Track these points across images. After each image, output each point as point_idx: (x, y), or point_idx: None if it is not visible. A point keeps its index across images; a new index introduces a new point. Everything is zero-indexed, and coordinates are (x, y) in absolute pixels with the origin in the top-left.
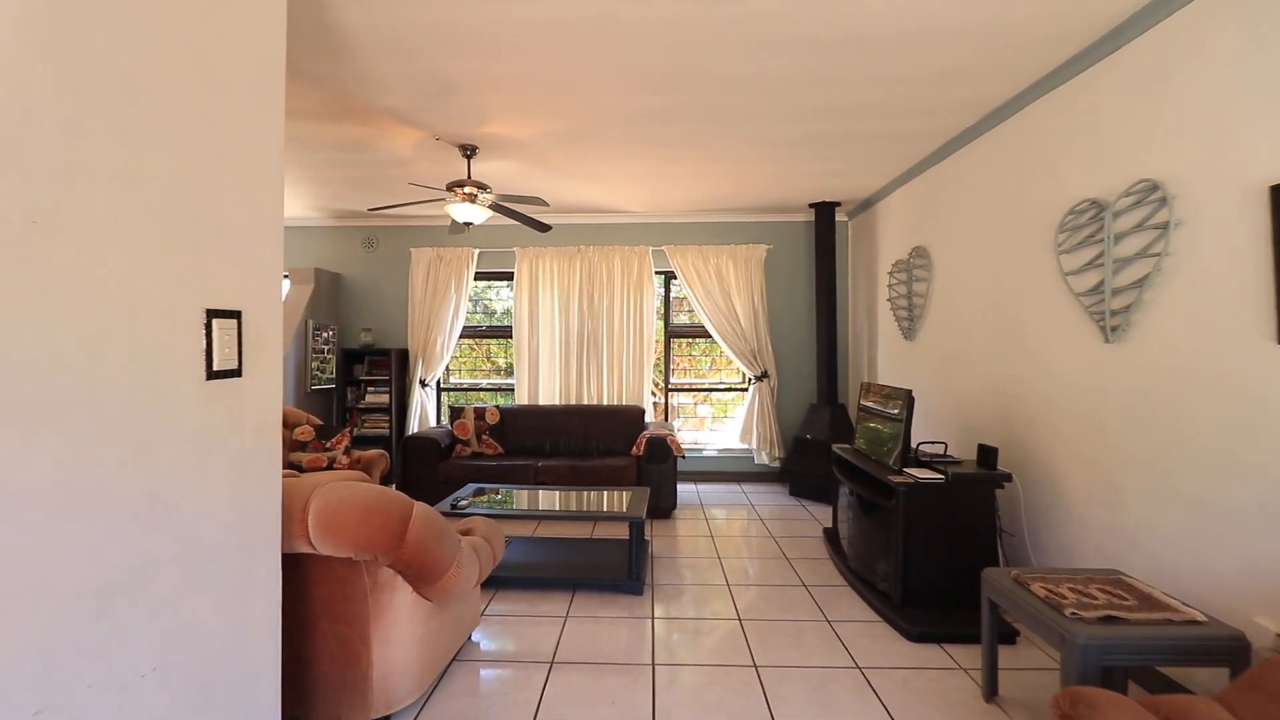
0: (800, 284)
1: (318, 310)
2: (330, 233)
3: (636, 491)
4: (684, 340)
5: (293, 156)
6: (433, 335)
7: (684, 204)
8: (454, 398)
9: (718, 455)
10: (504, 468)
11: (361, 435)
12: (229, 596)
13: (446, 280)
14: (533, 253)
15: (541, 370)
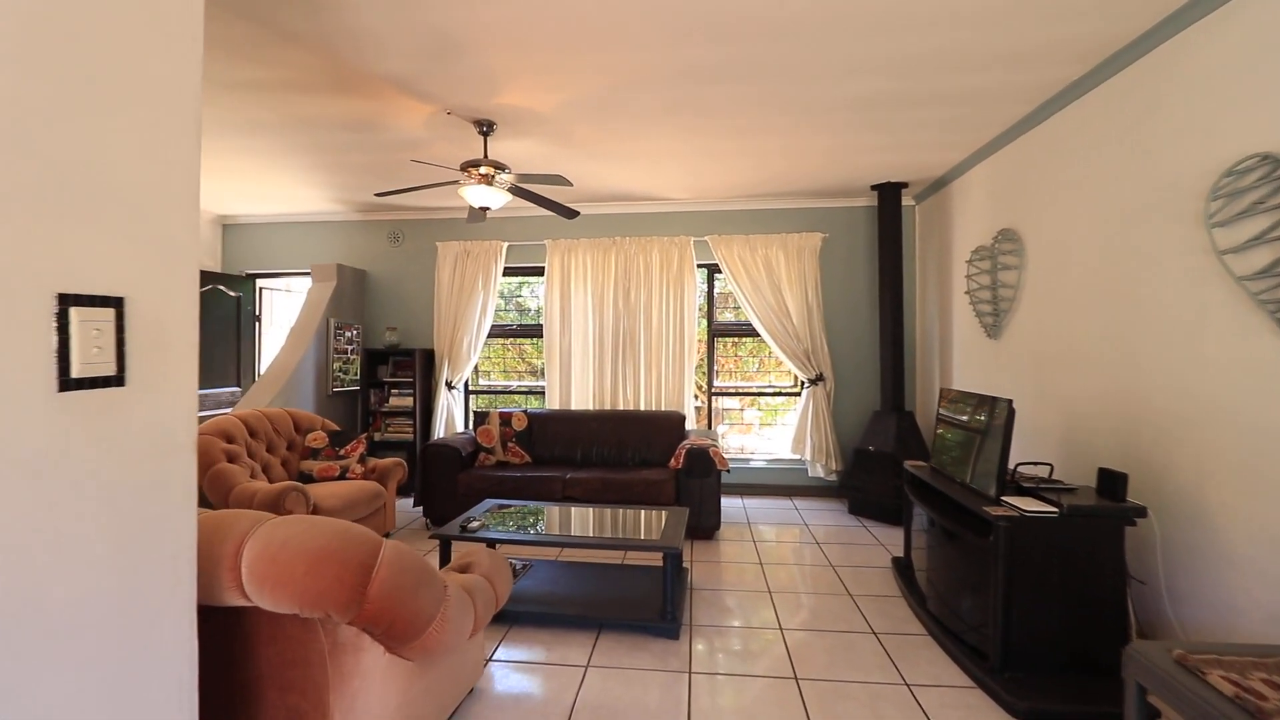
0: (860, 277)
1: (340, 308)
2: (354, 227)
3: (674, 513)
4: (729, 339)
5: (300, 139)
6: (459, 334)
7: (728, 188)
8: (486, 401)
9: (767, 466)
10: (529, 479)
11: (385, 440)
12: (104, 675)
13: (474, 275)
14: (564, 245)
15: (574, 372)
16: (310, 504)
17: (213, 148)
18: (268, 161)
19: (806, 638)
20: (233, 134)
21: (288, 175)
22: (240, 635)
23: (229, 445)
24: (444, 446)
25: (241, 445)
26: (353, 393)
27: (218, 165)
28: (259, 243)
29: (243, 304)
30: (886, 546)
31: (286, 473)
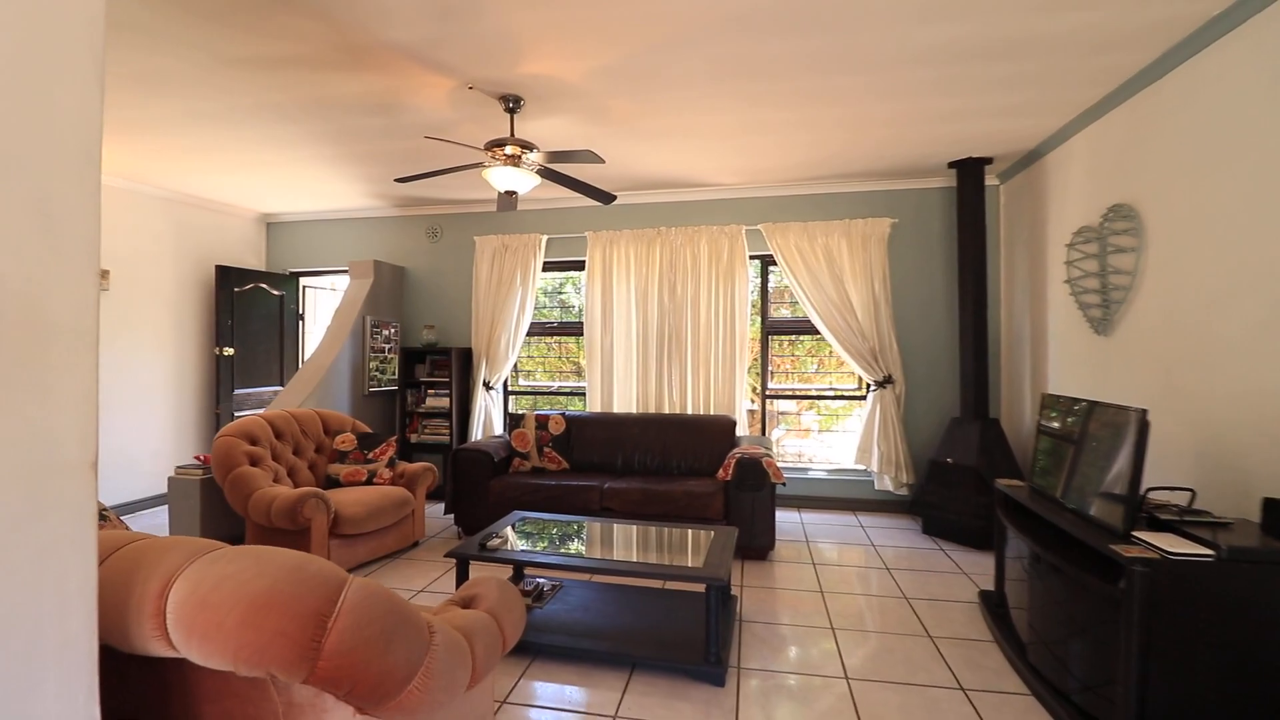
0: (935, 267)
1: (377, 306)
2: (393, 223)
3: (721, 533)
4: (784, 338)
5: (320, 126)
6: (497, 332)
7: (784, 170)
8: (528, 403)
9: (827, 477)
10: (565, 489)
11: (421, 442)
12: None
13: (512, 270)
14: (606, 237)
15: (616, 373)
16: (330, 511)
17: (234, 136)
18: (294, 153)
19: (878, 692)
20: (250, 120)
21: (317, 167)
22: (178, 690)
23: (252, 448)
24: (475, 451)
25: (266, 448)
26: (390, 393)
27: (246, 158)
28: (302, 241)
29: (286, 303)
30: (971, 576)
31: (313, 477)
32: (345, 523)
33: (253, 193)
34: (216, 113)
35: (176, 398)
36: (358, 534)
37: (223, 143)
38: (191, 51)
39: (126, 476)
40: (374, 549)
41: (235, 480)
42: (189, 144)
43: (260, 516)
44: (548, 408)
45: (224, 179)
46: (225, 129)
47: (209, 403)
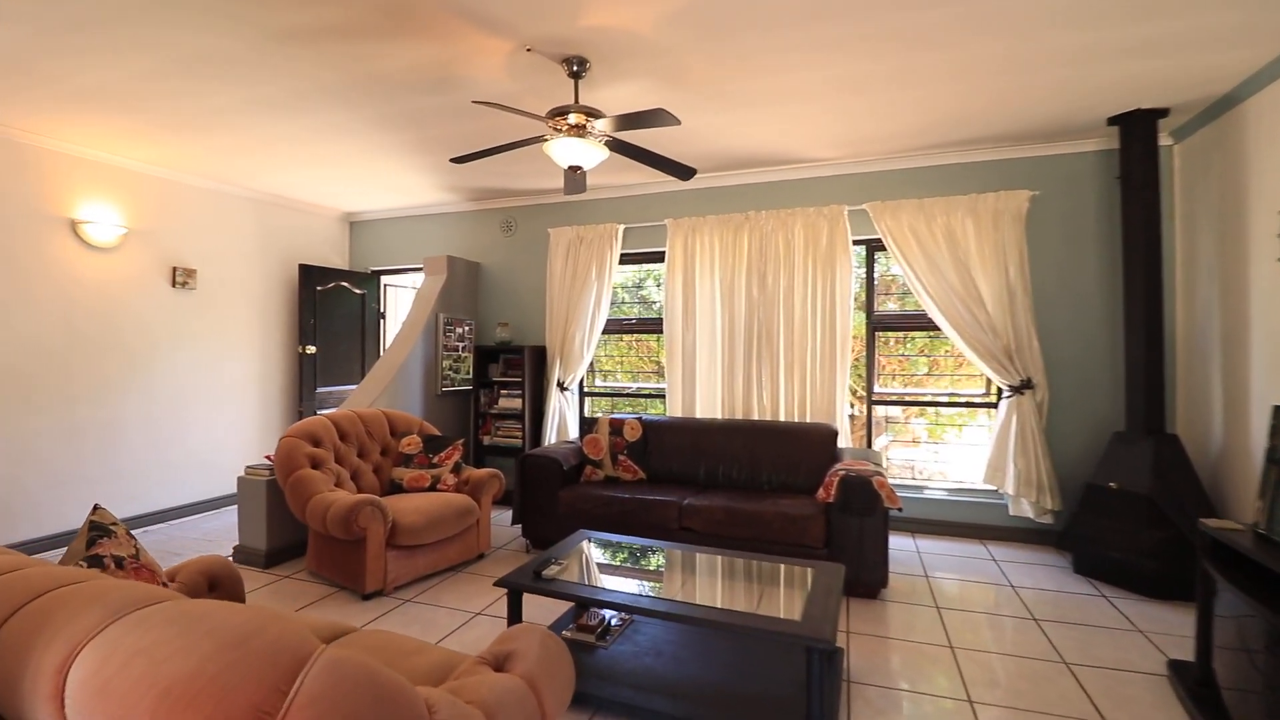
0: (1088, 248)
1: (451, 303)
2: (467, 218)
3: (823, 573)
4: (893, 334)
5: (380, 109)
6: (571, 330)
7: (893, 138)
8: (607, 404)
9: (948, 497)
10: (640, 503)
11: (494, 445)
12: None
13: (587, 263)
14: (688, 224)
15: (699, 373)
16: (388, 520)
17: (300, 126)
18: (358, 141)
19: None
20: (310, 105)
21: (385, 159)
22: None
23: (314, 449)
24: (543, 458)
25: (329, 449)
26: (464, 393)
27: (317, 151)
28: (382, 239)
29: (367, 301)
30: (1150, 636)
31: (377, 481)
32: (403, 533)
33: (334, 191)
34: (275, 98)
35: (261, 395)
36: (417, 545)
37: (291, 133)
38: (236, 25)
39: (214, 472)
40: (434, 561)
41: (295, 483)
42: (260, 136)
43: (317, 523)
44: (627, 410)
45: (304, 176)
46: (289, 118)
47: (293, 400)
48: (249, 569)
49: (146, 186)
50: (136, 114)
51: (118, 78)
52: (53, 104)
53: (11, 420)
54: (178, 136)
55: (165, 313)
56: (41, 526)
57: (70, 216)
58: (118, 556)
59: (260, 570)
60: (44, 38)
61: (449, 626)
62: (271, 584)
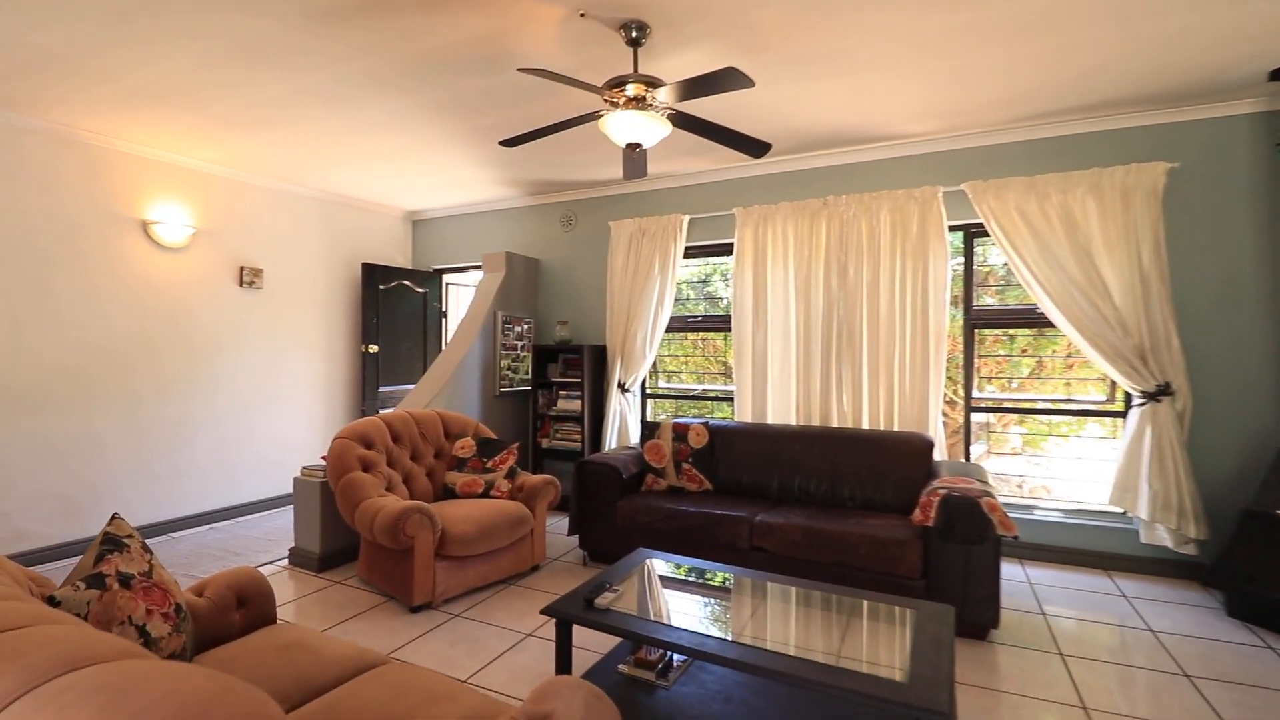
0: (1241, 227)
1: (509, 301)
2: (526, 213)
3: (929, 617)
4: (994, 331)
5: (432, 95)
6: (633, 327)
7: (998, 106)
8: (671, 407)
9: (1064, 519)
10: (706, 518)
11: (552, 449)
12: None
13: (650, 257)
14: (758, 213)
15: (770, 375)
16: (436, 530)
17: (355, 117)
18: (415, 134)
19: None
20: (362, 94)
21: (442, 151)
22: None
23: (366, 451)
24: (601, 465)
25: (381, 451)
26: (523, 394)
27: (375, 145)
28: (444, 237)
29: (429, 300)
30: None
31: (430, 485)
32: (453, 543)
33: (395, 188)
34: (325, 87)
35: (326, 394)
36: (467, 556)
37: (345, 126)
38: (275, 3)
39: (278, 471)
40: (486, 573)
41: (345, 487)
42: (315, 129)
43: (365, 529)
44: (692, 414)
45: (365, 173)
46: (342, 108)
47: (356, 400)
48: (302, 572)
49: (215, 187)
50: (194, 110)
51: (168, 71)
52: (114, 103)
53: (83, 417)
54: (236, 132)
55: (233, 312)
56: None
57: (141, 217)
58: (125, 574)
59: (313, 574)
60: (90, 32)
61: (497, 648)
62: (322, 590)
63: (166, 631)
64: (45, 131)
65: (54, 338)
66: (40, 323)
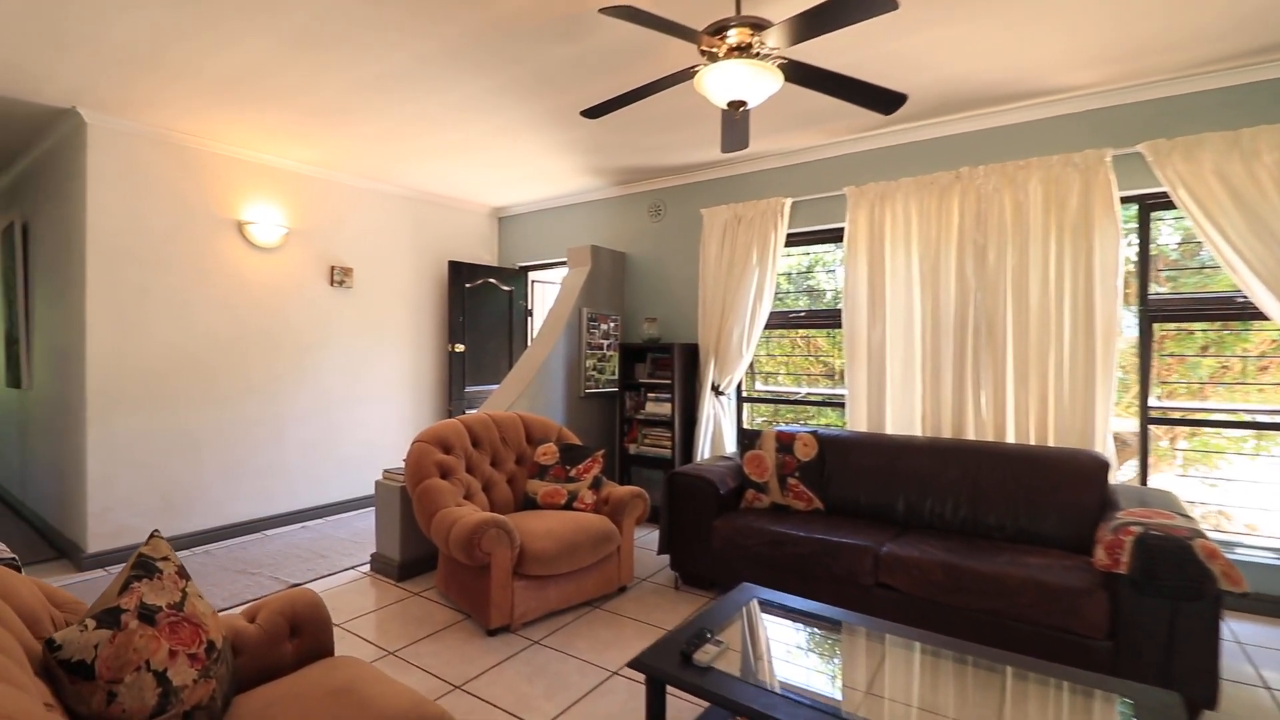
0: None
1: (595, 297)
2: (613, 205)
3: (1148, 709)
4: (1175, 326)
5: (510, 72)
6: (728, 324)
7: (1186, 45)
8: (768, 412)
9: (1276, 561)
10: (819, 546)
11: (640, 455)
12: None
13: (746, 247)
14: (875, 191)
15: (890, 378)
16: (515, 546)
17: (436, 104)
18: (495, 120)
19: None
20: (436, 74)
21: (524, 138)
22: None
23: (445, 456)
24: (695, 479)
25: (460, 457)
26: (609, 395)
27: (459, 135)
28: (529, 233)
29: (514, 298)
30: None
31: (511, 494)
32: (532, 561)
33: (481, 182)
34: (403, 68)
35: (414, 393)
36: (548, 575)
37: (426, 112)
38: None
39: (368, 470)
40: (568, 595)
41: (422, 494)
42: (397, 116)
43: (440, 541)
44: (790, 420)
45: (450, 166)
46: (422, 92)
47: (442, 400)
48: (383, 580)
49: (306, 187)
50: (276, 101)
51: (242, 59)
52: (196, 99)
53: (182, 415)
54: (320, 125)
55: (323, 311)
56: (216, 516)
57: (236, 218)
58: (150, 607)
59: (393, 583)
60: (158, 20)
61: (580, 687)
62: (400, 602)
63: (192, 678)
64: (145, 135)
65: (159, 335)
66: (148, 320)
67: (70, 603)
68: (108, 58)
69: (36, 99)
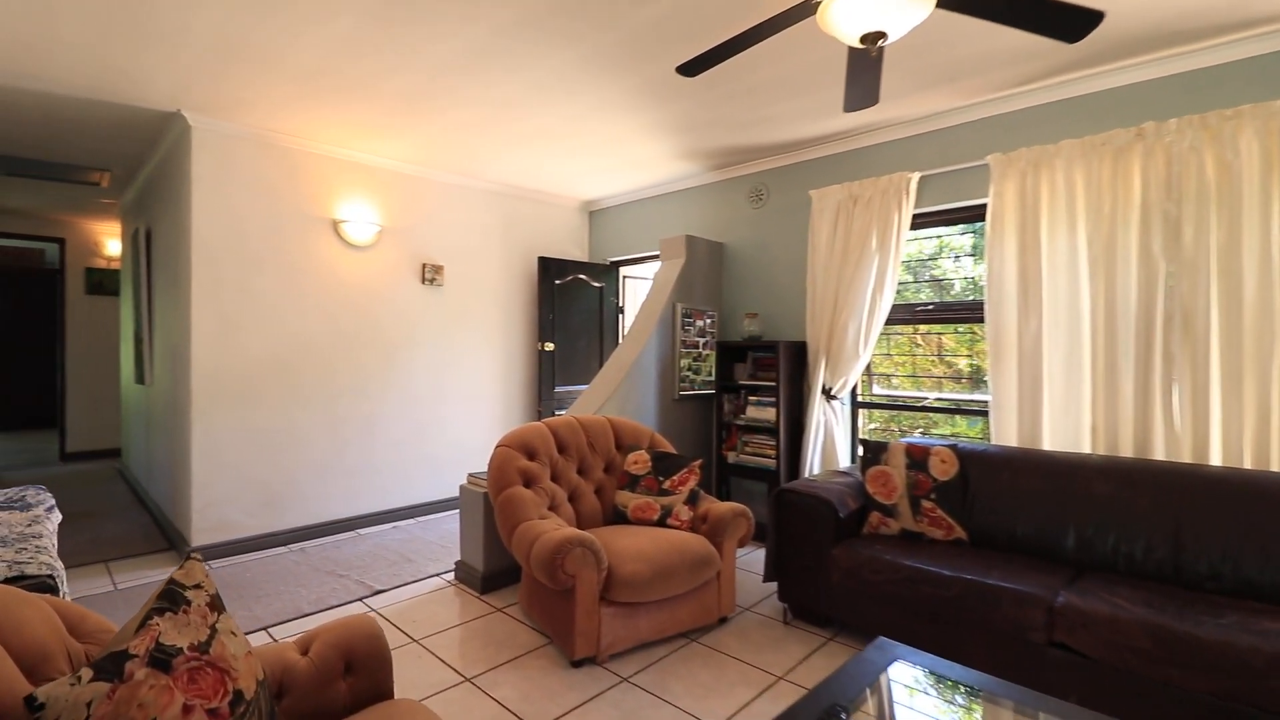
0: None
1: (690, 291)
2: (709, 191)
3: None
4: None
5: (593, 40)
6: (842, 319)
7: None
8: (884, 419)
9: None
10: (969, 589)
11: (740, 464)
12: None
13: (864, 231)
14: (1026, 158)
15: (1049, 381)
16: (602, 568)
17: (516, 83)
18: (582, 102)
19: None
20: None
21: (613, 119)
22: None
23: (528, 463)
24: (809, 498)
25: (545, 463)
26: (705, 397)
27: (538, 123)
28: (620, 226)
29: (605, 294)
30: None
31: (599, 505)
32: (622, 586)
33: (571, 174)
34: (482, 43)
35: (503, 394)
36: (640, 602)
37: (510, 95)
38: None
39: (457, 471)
40: (660, 625)
41: (504, 504)
42: (482, 100)
43: (522, 558)
44: (908, 429)
45: (538, 156)
46: (503, 72)
47: (532, 400)
48: (466, 591)
49: (397, 184)
50: (361, 93)
51: (323, 43)
52: (284, 91)
53: (282, 411)
54: (405, 116)
55: (414, 309)
56: (310, 514)
57: (332, 217)
58: (168, 649)
59: (476, 595)
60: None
61: None
62: (481, 618)
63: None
64: (242, 135)
65: (258, 334)
66: (247, 319)
67: (98, 632)
68: (193, 51)
69: (144, 103)
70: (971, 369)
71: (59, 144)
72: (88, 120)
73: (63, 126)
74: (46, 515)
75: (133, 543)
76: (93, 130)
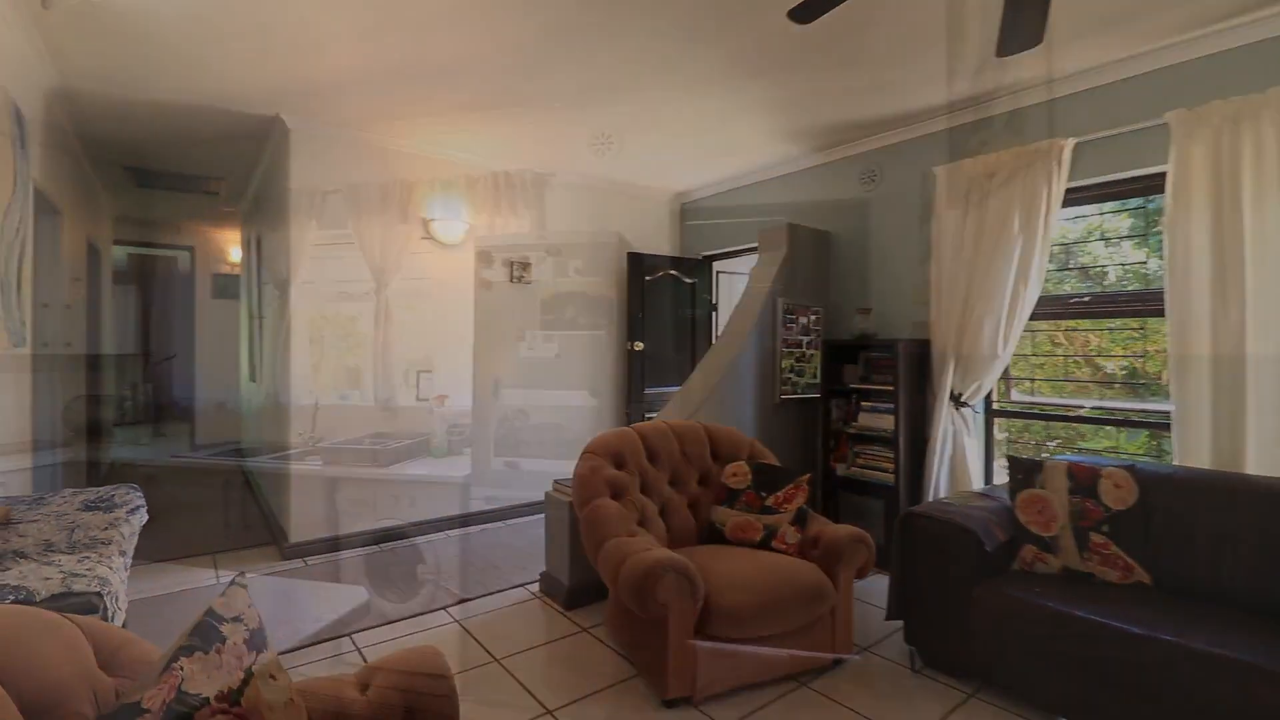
0: None
1: (792, 285)
2: (812, 176)
3: None
4: None
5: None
6: (975, 314)
7: None
8: (1018, 431)
9: None
10: (1159, 650)
11: (850, 477)
12: None
13: (1002, 211)
14: (1220, 114)
15: (1255, 391)
16: (699, 596)
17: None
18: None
19: None
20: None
21: (708, 94)
22: None
23: (616, 473)
24: (947, 525)
25: (634, 473)
26: (809, 401)
27: (630, 107)
28: (714, 218)
29: (698, 291)
30: None
31: (694, 520)
32: (722, 617)
33: (663, 164)
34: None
35: (592, 395)
36: (742, 637)
37: (600, 79)
38: None
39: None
40: (767, 665)
41: (590, 517)
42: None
43: (608, 579)
44: (1056, 447)
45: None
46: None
47: (622, 402)
48: (550, 605)
49: (484, 181)
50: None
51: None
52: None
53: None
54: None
55: (502, 308)
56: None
57: (422, 215)
58: (192, 699)
59: (560, 611)
60: None
61: None
62: (565, 638)
63: None
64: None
65: (347, 336)
66: (337, 320)
67: (134, 663)
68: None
69: (247, 108)
70: (1127, 371)
71: (182, 156)
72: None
73: (186, 137)
74: (128, 517)
75: (240, 535)
76: (228, 141)
